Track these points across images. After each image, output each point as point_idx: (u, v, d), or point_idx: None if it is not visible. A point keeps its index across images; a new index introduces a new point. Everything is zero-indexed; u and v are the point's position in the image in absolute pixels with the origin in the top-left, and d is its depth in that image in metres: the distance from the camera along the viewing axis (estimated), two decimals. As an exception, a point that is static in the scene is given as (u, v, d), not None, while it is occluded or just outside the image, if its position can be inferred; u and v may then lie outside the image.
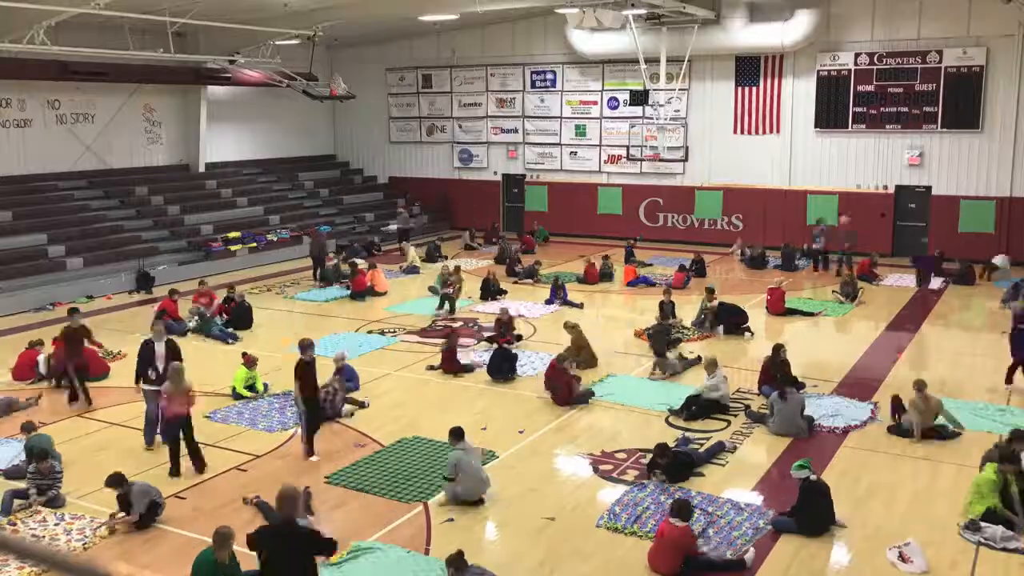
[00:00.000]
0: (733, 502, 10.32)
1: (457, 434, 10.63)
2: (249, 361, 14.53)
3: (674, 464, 10.92)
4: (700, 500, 10.34)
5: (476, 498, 10.36)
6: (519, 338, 17.29)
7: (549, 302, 20.70)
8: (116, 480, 10.05)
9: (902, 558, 8.96)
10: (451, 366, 15.44)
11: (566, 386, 13.74)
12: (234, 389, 14.32)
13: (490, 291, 21.36)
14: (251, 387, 14.40)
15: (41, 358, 15.54)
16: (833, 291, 21.30)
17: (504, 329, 17.14)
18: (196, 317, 18.70)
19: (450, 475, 10.36)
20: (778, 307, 19.61)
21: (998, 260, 23.52)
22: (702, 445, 12.13)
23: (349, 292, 21.99)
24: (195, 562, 8.29)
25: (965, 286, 22.47)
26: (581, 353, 15.40)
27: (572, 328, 15.86)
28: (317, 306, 21.10)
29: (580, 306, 20.40)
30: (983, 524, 9.54)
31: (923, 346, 17.48)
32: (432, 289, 21.51)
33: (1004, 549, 9.26)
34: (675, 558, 8.82)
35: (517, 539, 9.72)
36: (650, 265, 25.10)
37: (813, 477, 9.89)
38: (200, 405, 14.01)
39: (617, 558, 9.23)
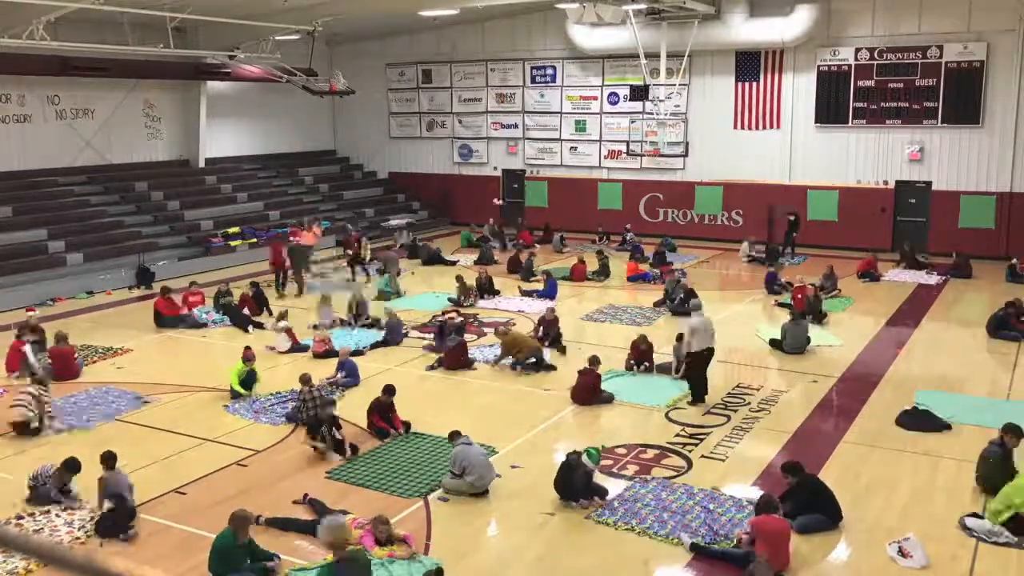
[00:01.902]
0: (735, 499, 10.31)
1: (454, 434, 10.96)
2: (248, 357, 14.43)
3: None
4: (702, 497, 10.34)
5: (486, 487, 10.46)
6: (558, 338, 16.68)
7: (538, 294, 20.86)
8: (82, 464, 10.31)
9: (902, 553, 8.96)
10: (456, 361, 15.43)
11: (589, 386, 13.64)
12: (232, 388, 14.12)
13: (483, 290, 20.96)
14: (247, 384, 14.17)
15: (28, 348, 15.36)
16: (812, 284, 21.03)
17: (549, 329, 16.86)
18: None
19: (455, 471, 10.45)
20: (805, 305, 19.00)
21: None
22: (702, 440, 12.15)
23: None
24: (214, 545, 8.67)
25: (963, 279, 22.38)
26: (516, 349, 15.39)
27: (503, 335, 15.72)
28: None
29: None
30: (971, 523, 9.52)
31: (923, 341, 17.46)
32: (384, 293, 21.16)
33: (995, 543, 9.26)
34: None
35: (516, 534, 9.72)
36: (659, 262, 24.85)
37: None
38: (208, 399, 14.06)
39: (616, 553, 9.24)
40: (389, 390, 12.52)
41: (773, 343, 16.47)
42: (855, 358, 16.12)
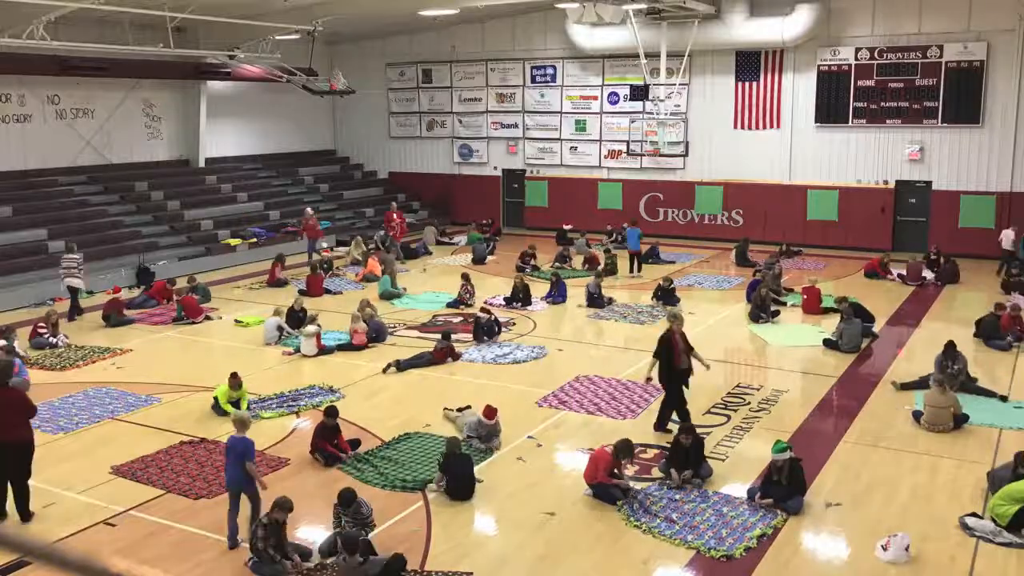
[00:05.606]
0: (749, 503, 10.20)
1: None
2: (235, 384, 13.59)
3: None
4: (716, 500, 10.27)
5: None
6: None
7: (547, 297, 20.71)
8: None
9: (884, 547, 8.96)
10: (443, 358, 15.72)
11: None
12: (216, 400, 13.52)
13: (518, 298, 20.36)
14: (235, 404, 13.53)
15: None
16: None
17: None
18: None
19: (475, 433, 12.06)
20: (814, 307, 19.11)
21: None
22: (704, 439, 12.14)
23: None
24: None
25: (952, 284, 22.14)
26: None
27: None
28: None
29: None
30: (971, 523, 9.50)
31: (924, 341, 17.43)
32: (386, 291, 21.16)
33: (991, 542, 9.25)
34: None
35: (518, 533, 9.71)
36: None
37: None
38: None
39: (617, 552, 9.24)
40: (332, 412, 11.84)
41: (827, 343, 16.53)
42: (855, 358, 16.13)
